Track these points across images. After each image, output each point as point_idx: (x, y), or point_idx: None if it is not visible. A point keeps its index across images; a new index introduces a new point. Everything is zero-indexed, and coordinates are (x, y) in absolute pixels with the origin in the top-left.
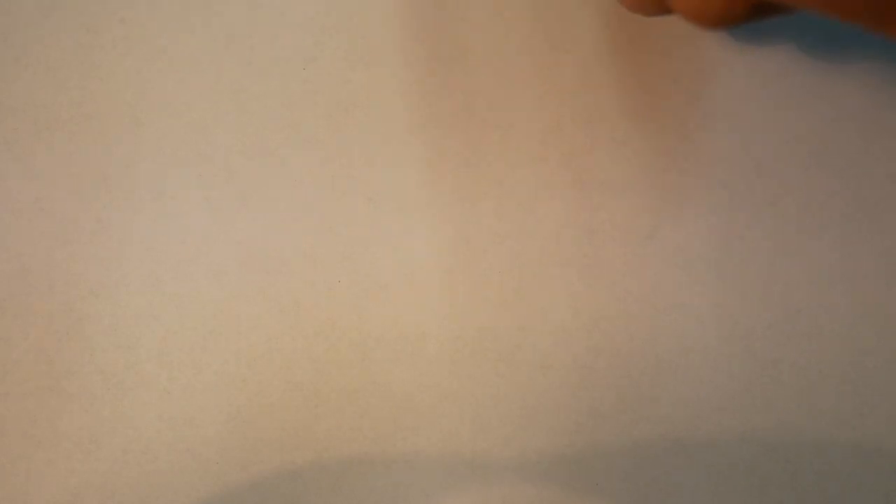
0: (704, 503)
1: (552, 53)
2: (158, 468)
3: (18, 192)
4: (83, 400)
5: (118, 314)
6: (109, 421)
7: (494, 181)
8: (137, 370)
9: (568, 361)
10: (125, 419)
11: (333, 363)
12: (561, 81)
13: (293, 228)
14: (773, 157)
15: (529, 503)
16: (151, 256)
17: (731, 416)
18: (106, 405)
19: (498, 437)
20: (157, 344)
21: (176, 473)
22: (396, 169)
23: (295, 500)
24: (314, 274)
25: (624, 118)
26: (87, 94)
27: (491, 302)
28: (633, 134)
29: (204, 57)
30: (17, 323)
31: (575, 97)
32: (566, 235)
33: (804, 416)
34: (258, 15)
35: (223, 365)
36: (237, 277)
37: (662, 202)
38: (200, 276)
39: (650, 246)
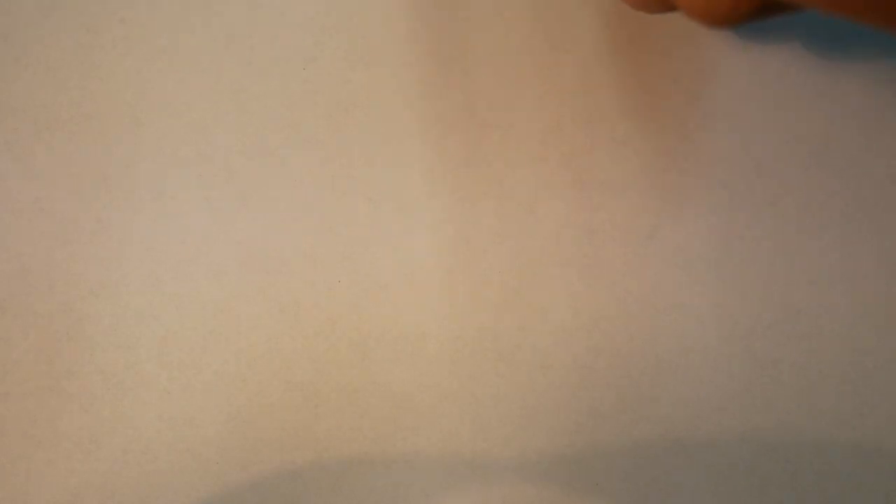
0: (704, 503)
1: (552, 53)
2: (158, 468)
3: (18, 192)
4: (83, 400)
5: (118, 314)
6: (109, 421)
7: (494, 181)
8: (137, 370)
9: (568, 361)
10: (125, 419)
11: (333, 363)
12: (561, 81)
13: (293, 228)
14: (773, 157)
15: (529, 503)
16: (151, 256)
17: (731, 416)
18: (106, 405)
19: (498, 437)
20: (157, 344)
21: (176, 473)
22: (396, 169)
23: (295, 500)
24: (314, 274)
25: (624, 118)
26: (87, 94)
27: (491, 302)
28: (633, 134)
29: (204, 57)
30: (17, 323)
31: (575, 97)
32: (566, 235)
33: (804, 416)
34: (258, 15)
35: (223, 365)
36: (237, 277)
37: (662, 202)
38: (200, 276)
39: (650, 246)
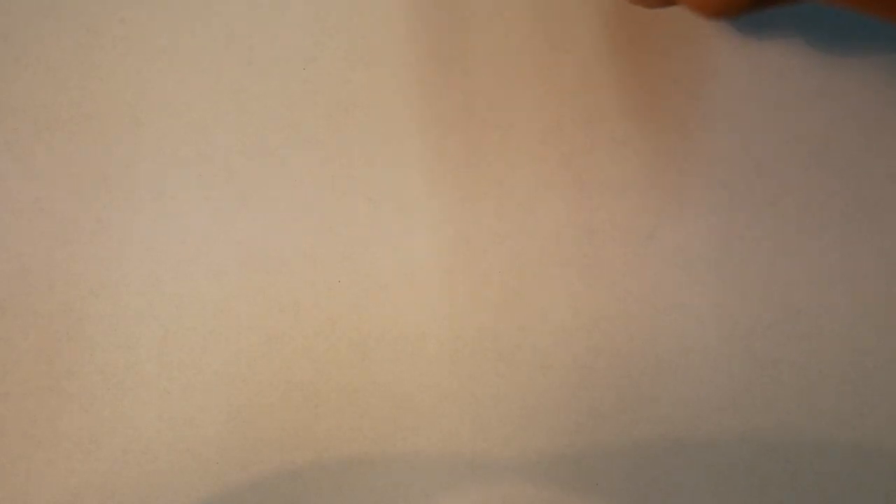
0: (704, 503)
1: (552, 53)
2: (158, 468)
3: (18, 192)
4: (83, 400)
5: (118, 314)
6: (109, 421)
7: (494, 181)
8: (137, 370)
9: (568, 361)
10: (125, 419)
11: (333, 363)
12: (561, 81)
13: (293, 228)
14: (773, 157)
15: (529, 503)
16: (151, 256)
17: (731, 416)
18: (106, 405)
19: (498, 437)
20: (157, 344)
21: (176, 473)
22: (396, 169)
23: (295, 500)
24: (314, 274)
25: (624, 118)
26: (87, 94)
27: (491, 302)
28: (633, 134)
29: (204, 57)
30: (17, 323)
31: (575, 97)
32: (566, 235)
33: (804, 416)
34: (258, 15)
35: (223, 365)
36: (237, 277)
37: (662, 202)
38: (200, 276)
39: (650, 246)
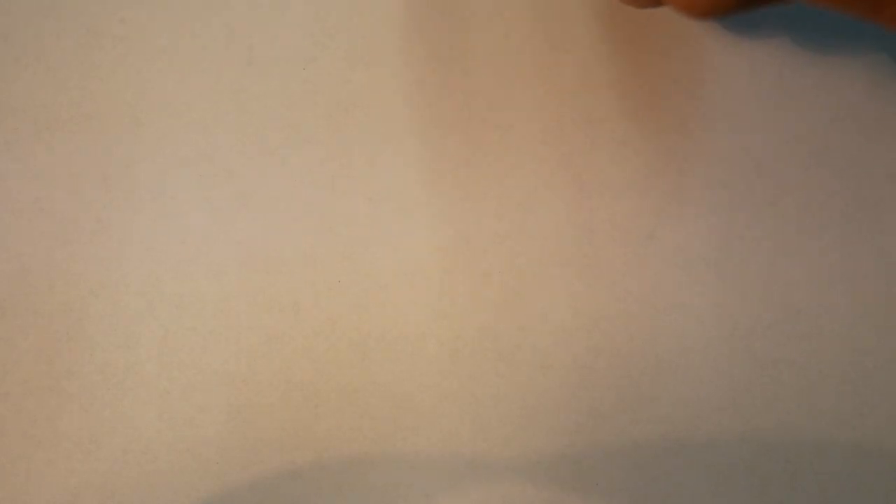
0: (704, 503)
1: (552, 53)
2: (158, 468)
3: (18, 192)
4: (83, 400)
5: (118, 314)
6: (109, 421)
7: (494, 181)
8: (137, 370)
9: (568, 361)
10: (125, 419)
11: (333, 363)
12: (561, 81)
13: (293, 228)
14: (773, 157)
15: (529, 503)
16: (151, 256)
17: (731, 416)
18: (106, 405)
19: (498, 437)
20: (157, 344)
21: (176, 473)
22: (396, 169)
23: (295, 500)
24: (314, 274)
25: (624, 118)
26: (87, 94)
27: (491, 302)
28: (633, 134)
29: (204, 57)
30: (17, 323)
31: (575, 97)
32: (566, 235)
33: (804, 416)
34: (258, 15)
35: (223, 365)
36: (237, 277)
37: (662, 202)
38: (200, 276)
39: (650, 246)
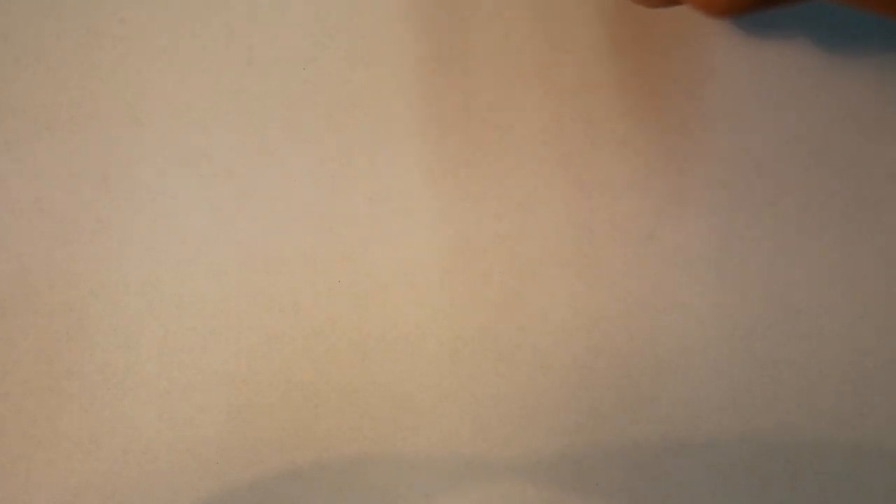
0: (704, 503)
1: (552, 53)
2: (158, 468)
3: (18, 192)
4: (83, 400)
5: (118, 314)
6: (109, 421)
7: (494, 181)
8: (137, 370)
9: (568, 361)
10: (125, 419)
11: (333, 363)
12: (561, 81)
13: (293, 228)
14: (773, 157)
15: (529, 503)
16: (151, 256)
17: (731, 416)
18: (106, 405)
19: (498, 437)
20: (157, 344)
21: (176, 473)
22: (396, 169)
23: (295, 500)
24: (314, 274)
25: (624, 118)
26: (87, 94)
27: (491, 302)
28: (633, 134)
29: (204, 57)
30: (17, 323)
31: (575, 97)
32: (566, 235)
33: (804, 416)
34: (258, 15)
35: (223, 365)
36: (237, 277)
37: (662, 202)
38: (200, 276)
39: (650, 246)
